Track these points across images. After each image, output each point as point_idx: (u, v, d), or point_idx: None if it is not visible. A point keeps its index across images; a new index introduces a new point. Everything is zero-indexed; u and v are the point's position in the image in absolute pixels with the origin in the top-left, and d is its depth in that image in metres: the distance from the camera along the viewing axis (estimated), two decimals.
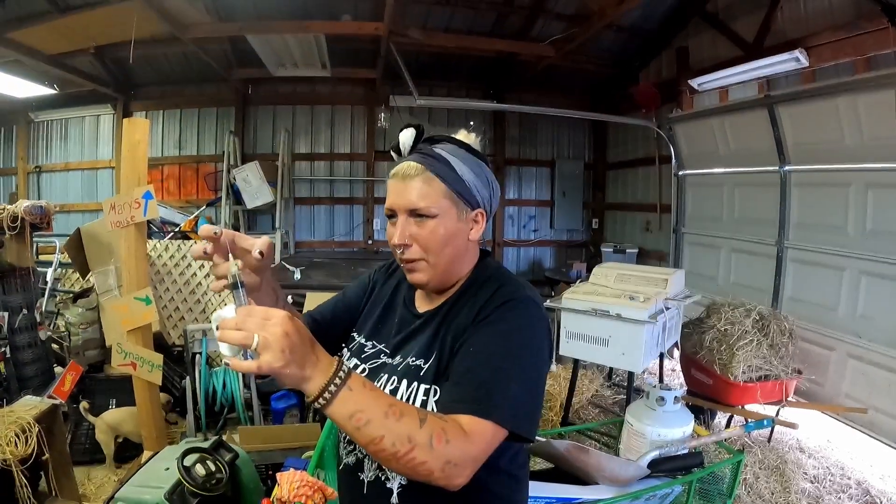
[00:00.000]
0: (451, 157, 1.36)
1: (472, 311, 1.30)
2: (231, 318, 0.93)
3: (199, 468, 2.55)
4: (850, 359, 4.80)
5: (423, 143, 1.39)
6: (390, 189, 1.36)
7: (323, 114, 9.44)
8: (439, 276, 1.36)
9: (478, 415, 1.07)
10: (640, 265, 6.12)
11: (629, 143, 9.27)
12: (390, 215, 1.37)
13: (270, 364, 0.89)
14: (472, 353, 1.20)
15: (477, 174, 1.38)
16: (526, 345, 1.22)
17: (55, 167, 9.27)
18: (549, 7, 7.27)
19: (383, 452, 0.98)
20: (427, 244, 1.31)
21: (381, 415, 0.98)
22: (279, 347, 0.89)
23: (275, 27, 6.46)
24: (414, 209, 1.30)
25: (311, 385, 0.95)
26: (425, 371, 1.29)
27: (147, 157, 3.54)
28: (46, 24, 5.95)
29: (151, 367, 3.60)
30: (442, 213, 1.31)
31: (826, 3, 5.15)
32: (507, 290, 1.31)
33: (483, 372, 1.15)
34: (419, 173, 1.31)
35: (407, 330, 1.42)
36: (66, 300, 4.90)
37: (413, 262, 1.34)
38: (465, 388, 1.14)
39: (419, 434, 0.99)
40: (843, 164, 4.91)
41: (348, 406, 0.97)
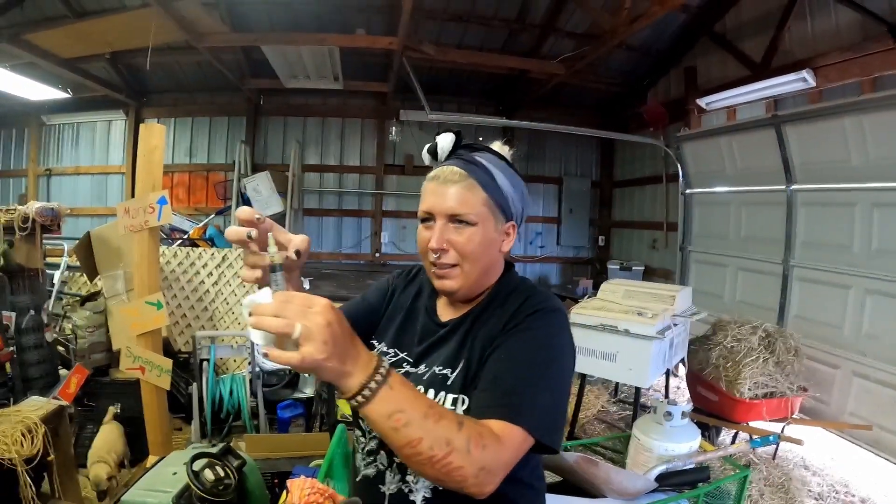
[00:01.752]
0: (492, 166, 1.35)
1: (500, 320, 1.29)
2: (267, 303, 0.86)
3: (207, 473, 2.55)
4: (855, 377, 4.79)
5: (463, 150, 1.37)
6: (428, 192, 1.33)
7: (334, 126, 9.50)
8: (470, 284, 1.34)
9: (509, 420, 1.05)
10: (648, 282, 6.12)
11: (637, 161, 9.31)
12: (426, 218, 1.34)
13: (313, 356, 0.83)
14: (502, 361, 1.18)
15: (514, 186, 1.38)
16: (555, 355, 1.22)
17: (66, 171, 9.34)
18: (560, 25, 7.33)
19: (419, 456, 0.93)
20: (464, 251, 1.29)
21: (420, 416, 0.94)
22: (321, 338, 0.84)
23: (291, 39, 6.51)
24: (454, 214, 1.28)
25: (350, 381, 0.90)
26: (452, 380, 1.27)
27: (163, 163, 3.57)
28: (63, 27, 6.00)
29: (160, 371, 3.61)
30: (481, 222, 1.30)
31: (833, 24, 5.19)
32: (535, 300, 1.30)
33: (513, 379, 1.13)
34: (462, 179, 1.30)
35: (431, 339, 1.40)
36: (74, 303, 4.91)
37: (447, 269, 1.31)
38: (495, 395, 1.12)
39: (458, 438, 0.95)
40: (850, 183, 4.92)
41: (388, 405, 0.92)
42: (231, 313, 5.44)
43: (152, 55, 6.07)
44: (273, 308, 0.85)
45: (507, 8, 7.13)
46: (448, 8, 7.07)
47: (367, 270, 8.42)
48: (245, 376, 4.35)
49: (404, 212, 9.72)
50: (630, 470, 2.97)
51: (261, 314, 0.85)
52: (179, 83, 8.86)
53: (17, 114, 8.87)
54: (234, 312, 5.45)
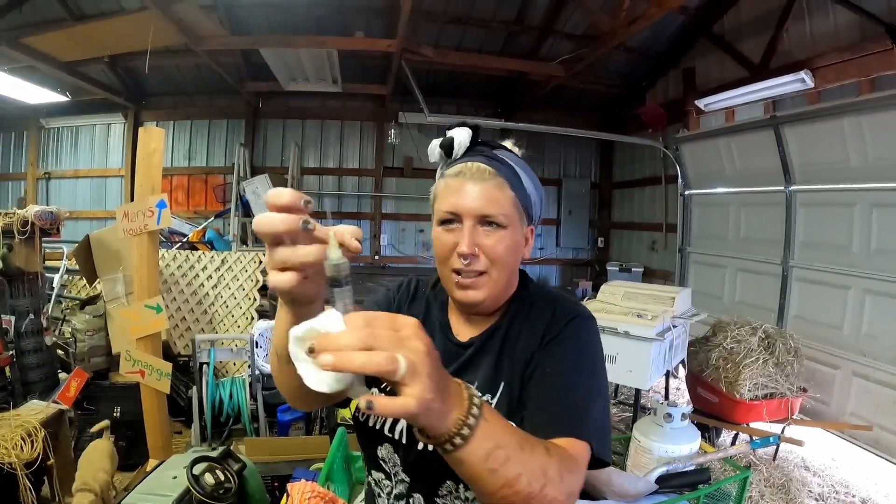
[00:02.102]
0: (516, 165, 1.23)
1: (533, 333, 1.20)
2: (341, 331, 0.65)
3: (207, 477, 2.55)
4: (855, 377, 4.80)
5: (482, 147, 1.24)
6: (452, 190, 1.18)
7: (333, 129, 9.51)
8: (496, 294, 1.22)
9: (577, 437, 0.99)
10: (648, 283, 6.13)
11: (636, 162, 9.33)
12: (448, 220, 1.18)
13: (423, 397, 0.64)
14: (551, 375, 1.11)
15: (536, 188, 1.27)
16: (597, 363, 1.17)
17: (65, 174, 9.34)
18: (558, 27, 7.34)
19: (515, 496, 0.79)
20: (493, 256, 1.16)
21: (517, 448, 0.79)
22: (426, 371, 0.65)
23: (289, 41, 6.52)
24: (485, 215, 1.15)
25: (446, 421, 0.71)
26: (495, 406, 1.14)
27: (162, 167, 3.57)
28: (62, 31, 6.00)
29: (160, 375, 3.61)
30: (510, 224, 1.17)
31: (831, 25, 5.20)
32: (566, 307, 1.23)
33: (567, 393, 1.07)
34: (491, 177, 1.17)
35: (456, 363, 1.25)
36: (73, 307, 4.91)
37: (474, 277, 1.17)
38: (554, 412, 1.05)
39: (551, 466, 0.83)
40: (848, 183, 4.93)
41: (487, 442, 0.74)
42: (230, 316, 5.44)
43: (151, 58, 6.07)
44: (356, 337, 0.63)
45: (506, 10, 7.13)
46: (447, 10, 7.07)
47: (367, 273, 8.41)
48: (245, 379, 4.35)
49: (403, 214, 9.72)
50: (630, 472, 2.97)
51: (338, 348, 0.62)
52: (178, 86, 8.87)
53: (16, 117, 8.87)
54: (234, 315, 5.44)
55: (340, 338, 0.62)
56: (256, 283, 5.53)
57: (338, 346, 0.61)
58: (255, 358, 4.32)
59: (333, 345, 0.62)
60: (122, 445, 4.03)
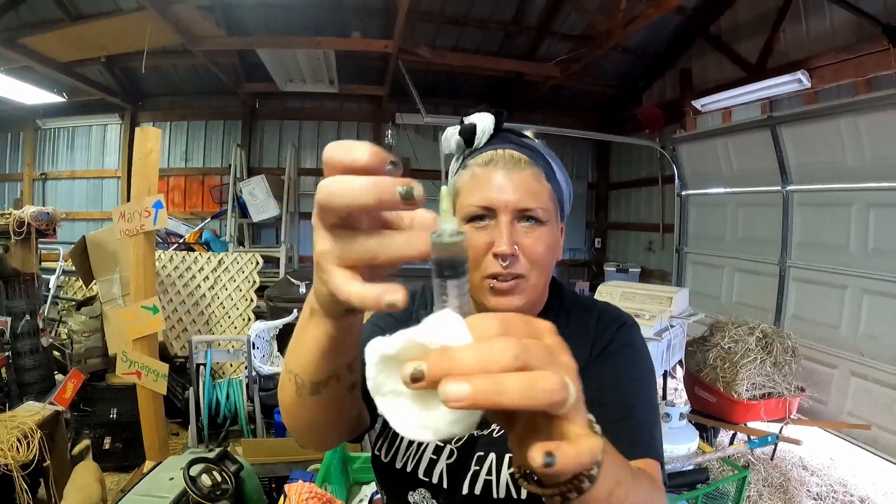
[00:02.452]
0: (547, 155, 1.08)
1: (579, 345, 0.99)
2: (465, 342, 0.44)
3: (204, 478, 2.54)
4: (853, 376, 4.81)
5: (507, 134, 1.08)
6: (481, 181, 1.02)
7: (329, 129, 9.48)
8: (534, 301, 1.06)
9: (652, 458, 0.89)
10: (645, 283, 6.13)
11: (633, 163, 9.33)
12: (480, 216, 1.01)
13: (597, 435, 0.49)
14: (615, 391, 0.97)
15: (567, 181, 1.13)
16: (650, 372, 1.05)
17: (61, 175, 9.29)
18: (555, 28, 7.33)
19: None
20: (534, 257, 1.00)
21: (631, 480, 0.62)
22: (582, 398, 0.49)
23: (286, 42, 6.51)
24: (525, 209, 0.99)
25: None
26: None
27: (158, 167, 3.56)
28: (58, 31, 5.99)
29: (157, 376, 3.59)
30: (549, 220, 1.03)
31: (828, 25, 5.20)
32: (610, 313, 1.11)
33: (636, 409, 0.96)
34: (527, 166, 1.02)
35: None
36: (70, 308, 4.90)
37: (513, 281, 0.99)
38: (628, 431, 0.90)
39: (656, 495, 0.72)
40: (846, 183, 4.94)
41: (609, 479, 0.55)
42: (227, 317, 5.44)
43: (148, 59, 6.06)
44: (506, 352, 0.42)
45: (503, 10, 7.12)
46: (444, 11, 7.06)
47: None
48: (242, 380, 4.34)
49: None
50: None
51: (478, 369, 0.41)
52: (175, 87, 8.85)
53: (12, 118, 8.83)
54: (231, 316, 5.44)
55: (477, 354, 0.42)
56: (253, 284, 5.53)
57: (477, 367, 0.41)
58: (252, 359, 4.31)
59: (466, 365, 0.41)
60: (118, 447, 4.03)
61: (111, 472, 3.97)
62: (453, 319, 0.46)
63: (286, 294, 5.39)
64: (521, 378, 0.41)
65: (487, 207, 0.99)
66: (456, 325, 0.45)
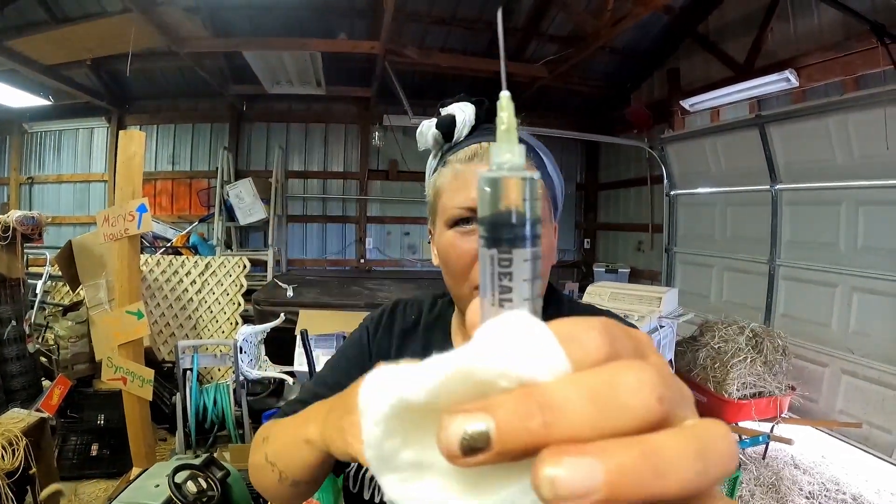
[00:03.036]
0: (536, 146, 1.00)
1: None
2: (563, 374, 0.25)
3: (190, 485, 2.51)
4: (844, 374, 4.82)
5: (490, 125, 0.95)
6: (465, 180, 0.92)
7: (317, 131, 9.45)
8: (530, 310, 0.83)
9: None
10: (634, 284, 6.13)
11: (621, 163, 9.33)
12: (466, 219, 0.91)
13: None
14: None
15: (558, 174, 1.03)
16: None
17: (48, 179, 9.21)
18: (543, 29, 7.32)
19: None
20: None
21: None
22: None
23: (272, 43, 6.48)
24: None
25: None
26: None
27: (142, 170, 3.53)
28: (44, 34, 5.94)
29: (142, 382, 3.56)
30: (544, 221, 0.88)
31: (815, 23, 5.21)
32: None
33: None
34: None
35: None
36: (56, 313, 4.86)
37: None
38: None
39: None
40: (834, 181, 4.96)
41: None
42: (215, 321, 5.40)
43: (134, 61, 6.01)
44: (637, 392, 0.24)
45: (491, 11, 7.10)
46: (431, 11, 7.04)
47: (352, 277, 8.36)
48: (229, 385, 4.30)
49: (388, 217, 9.66)
50: None
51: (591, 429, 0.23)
52: (162, 90, 8.79)
53: None
54: (218, 321, 5.40)
55: (596, 399, 0.24)
56: (241, 287, 5.49)
57: (600, 425, 0.24)
58: (240, 363, 4.28)
59: (580, 421, 0.24)
60: (106, 453, 3.99)
61: (98, 479, 3.93)
62: (534, 327, 0.27)
63: (273, 297, 5.37)
64: (684, 442, 0.24)
65: (474, 209, 0.86)
66: (541, 339, 0.26)
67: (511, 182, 0.31)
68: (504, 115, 0.33)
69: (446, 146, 1.00)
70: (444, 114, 0.99)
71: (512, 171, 0.31)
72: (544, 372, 0.25)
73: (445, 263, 0.95)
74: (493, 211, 0.31)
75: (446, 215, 0.93)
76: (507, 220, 0.30)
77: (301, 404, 1.02)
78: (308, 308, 5.11)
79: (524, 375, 0.25)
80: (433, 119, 1.00)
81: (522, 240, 0.30)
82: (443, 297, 1.14)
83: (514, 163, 0.31)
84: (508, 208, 0.30)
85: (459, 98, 1.00)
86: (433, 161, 1.04)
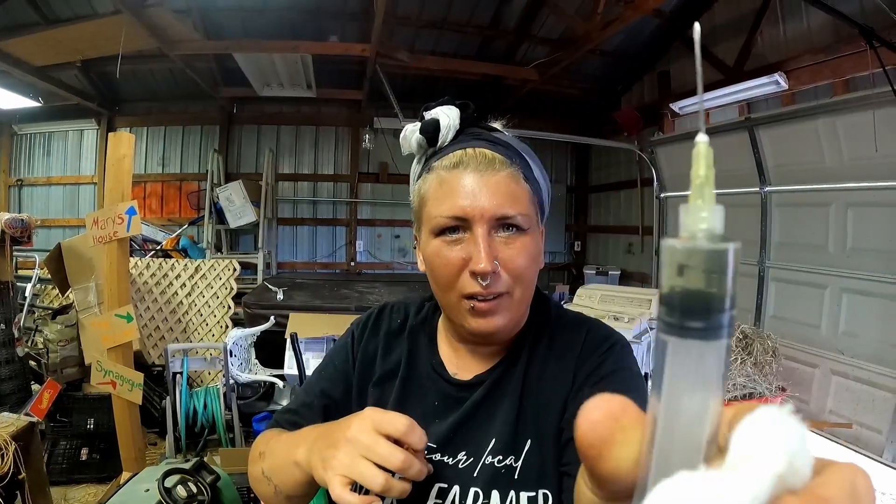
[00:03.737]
0: (522, 150, 0.97)
1: (563, 368, 0.95)
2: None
3: (180, 490, 2.50)
4: (834, 375, 4.84)
5: (476, 129, 0.96)
6: (451, 187, 0.90)
7: (307, 134, 9.44)
8: (518, 318, 0.96)
9: None
10: (624, 286, 6.14)
11: (611, 166, 9.35)
12: (451, 228, 0.90)
13: None
14: None
15: (545, 177, 1.02)
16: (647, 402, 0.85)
17: (37, 181, 9.15)
18: (533, 31, 7.35)
19: None
20: (516, 271, 0.89)
21: None
22: None
23: (263, 46, 6.46)
24: (504, 217, 0.88)
25: None
26: (521, 472, 0.89)
27: (132, 173, 3.51)
28: (33, 35, 5.91)
29: (132, 385, 3.54)
30: (531, 227, 0.92)
31: (805, 27, 5.24)
32: (599, 332, 1.01)
33: None
34: (503, 166, 0.90)
35: (458, 411, 0.96)
36: (45, 316, 4.83)
37: (496, 300, 0.89)
38: None
39: None
40: (824, 184, 4.98)
41: None
42: (205, 325, 5.38)
43: (125, 63, 5.99)
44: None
45: (481, 14, 7.12)
46: (422, 14, 7.05)
47: (342, 280, 8.32)
48: (219, 389, 4.29)
49: (379, 220, 9.67)
50: None
51: None
52: (152, 92, 8.76)
53: None
54: (208, 324, 5.38)
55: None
56: (230, 290, 5.48)
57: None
58: (230, 367, 4.26)
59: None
60: (95, 458, 3.97)
61: (88, 483, 3.92)
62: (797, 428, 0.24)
63: (263, 301, 5.35)
64: None
65: (460, 218, 0.88)
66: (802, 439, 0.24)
67: (699, 255, 0.26)
68: (702, 167, 0.28)
69: (430, 151, 0.98)
70: (428, 118, 0.96)
71: (709, 239, 0.27)
72: (801, 477, 0.24)
73: (431, 271, 0.94)
74: (677, 285, 0.26)
75: (432, 224, 0.92)
76: (695, 302, 0.26)
77: (291, 413, 1.07)
78: (298, 311, 5.10)
79: (795, 481, 0.24)
80: (417, 123, 0.97)
81: (710, 331, 0.25)
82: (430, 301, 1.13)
83: (708, 230, 0.27)
84: (696, 287, 0.26)
85: (444, 101, 0.97)
86: (417, 166, 1.02)
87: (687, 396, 0.25)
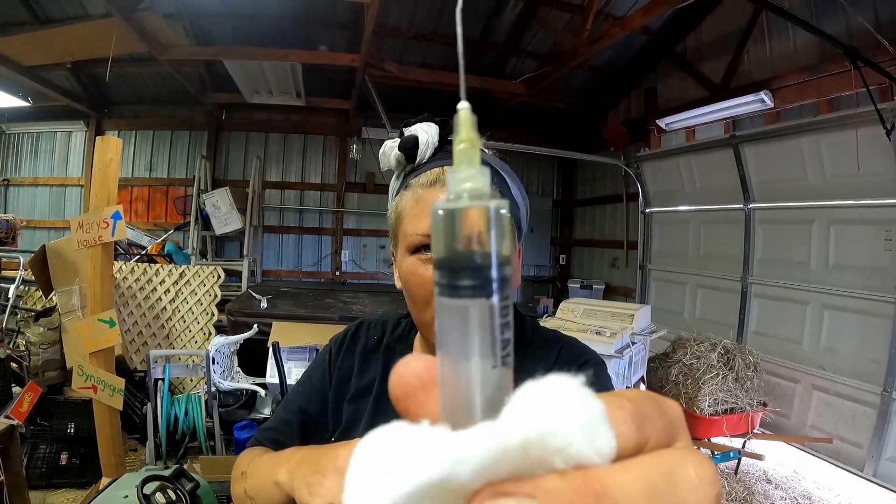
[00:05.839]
0: (500, 168, 0.98)
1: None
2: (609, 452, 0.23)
3: (159, 497, 2.48)
4: (815, 390, 4.89)
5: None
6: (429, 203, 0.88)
7: (295, 142, 9.44)
8: None
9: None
10: (607, 301, 6.17)
11: (597, 180, 9.42)
12: (427, 245, 0.90)
13: None
14: None
15: (523, 196, 1.03)
16: None
17: (23, 181, 9.07)
18: (522, 46, 7.39)
19: None
20: None
21: None
22: None
23: (253, 53, 6.46)
24: None
25: None
26: None
27: (118, 177, 3.50)
28: (23, 35, 5.88)
29: (113, 391, 3.51)
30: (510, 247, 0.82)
31: (791, 46, 5.31)
32: (572, 349, 1.02)
33: None
34: None
35: None
36: (28, 318, 4.79)
37: None
38: None
39: None
40: (807, 201, 5.04)
41: None
42: (188, 331, 5.35)
43: (114, 66, 5.98)
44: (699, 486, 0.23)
45: (471, 28, 7.15)
46: (411, 26, 7.08)
47: (327, 289, 8.30)
48: (201, 396, 4.26)
49: (365, 230, 9.67)
50: None
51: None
52: (141, 95, 8.73)
53: None
54: (191, 330, 5.35)
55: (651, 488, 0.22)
56: (214, 297, 5.44)
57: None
58: (212, 374, 4.24)
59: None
60: (75, 463, 3.94)
61: (67, 488, 3.88)
62: (587, 401, 0.24)
63: (247, 308, 5.34)
64: None
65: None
66: (594, 415, 0.23)
67: (459, 215, 0.26)
68: (463, 132, 0.28)
69: (409, 168, 0.98)
70: (407, 134, 0.96)
71: (472, 198, 0.26)
72: (595, 453, 0.22)
73: (407, 289, 0.94)
74: (444, 250, 0.26)
75: (407, 241, 0.92)
76: (460, 262, 0.26)
77: (272, 431, 1.09)
78: (282, 320, 5.08)
79: (581, 457, 0.22)
80: (396, 139, 0.98)
81: (479, 288, 0.26)
82: (407, 318, 1.13)
83: (472, 188, 0.26)
84: (463, 249, 0.26)
85: (423, 118, 0.97)
86: (395, 183, 1.03)
87: (459, 355, 0.25)
